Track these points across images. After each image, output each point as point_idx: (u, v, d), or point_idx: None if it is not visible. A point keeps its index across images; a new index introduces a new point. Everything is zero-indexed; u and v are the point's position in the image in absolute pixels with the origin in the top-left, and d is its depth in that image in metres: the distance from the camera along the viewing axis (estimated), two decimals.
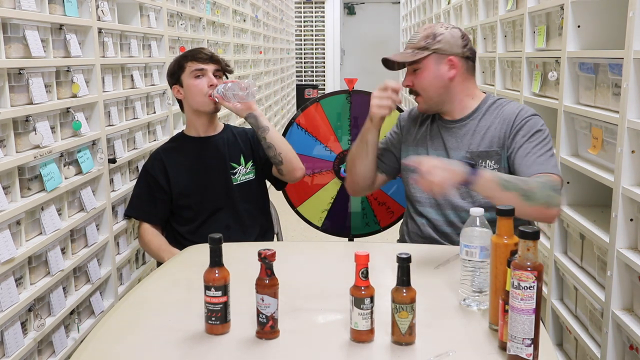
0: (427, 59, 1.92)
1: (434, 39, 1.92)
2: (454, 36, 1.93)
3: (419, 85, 1.96)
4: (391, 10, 11.87)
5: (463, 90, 1.96)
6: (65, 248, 1.96)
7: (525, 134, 1.87)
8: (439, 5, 5.55)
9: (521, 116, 1.91)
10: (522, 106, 1.96)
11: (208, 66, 2.20)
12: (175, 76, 2.25)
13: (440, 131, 2.00)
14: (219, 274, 1.32)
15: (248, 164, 2.29)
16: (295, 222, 2.67)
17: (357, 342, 1.29)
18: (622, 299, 1.97)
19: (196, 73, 2.19)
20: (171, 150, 2.30)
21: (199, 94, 2.19)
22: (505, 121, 1.91)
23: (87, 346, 1.34)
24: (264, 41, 6.24)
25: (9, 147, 1.69)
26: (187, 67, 2.20)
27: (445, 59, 1.92)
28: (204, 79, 2.19)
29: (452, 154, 1.96)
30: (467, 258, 1.41)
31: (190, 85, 2.20)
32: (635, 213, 1.92)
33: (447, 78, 1.93)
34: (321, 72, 11.40)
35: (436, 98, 1.96)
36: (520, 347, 1.16)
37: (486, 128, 1.93)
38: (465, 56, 1.94)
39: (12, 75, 1.70)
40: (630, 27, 1.86)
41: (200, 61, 2.20)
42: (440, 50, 1.91)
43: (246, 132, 2.35)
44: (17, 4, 1.71)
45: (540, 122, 1.91)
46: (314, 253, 1.98)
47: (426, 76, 1.94)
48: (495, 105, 1.98)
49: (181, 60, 2.23)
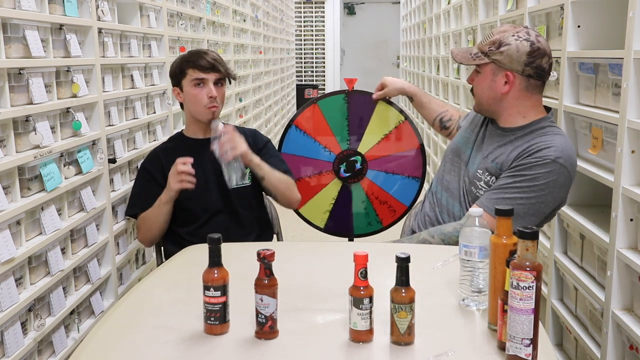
0: (486, 66, 1.90)
1: (497, 48, 1.86)
2: (519, 50, 1.84)
3: (475, 87, 1.97)
4: (391, 10, 11.87)
5: (515, 106, 1.91)
6: (65, 248, 1.96)
7: (517, 169, 1.83)
8: (439, 5, 5.55)
9: (537, 154, 1.82)
10: (552, 145, 1.83)
11: (209, 75, 2.17)
12: (176, 79, 2.24)
13: (488, 132, 2.01)
14: (218, 274, 1.32)
15: (247, 169, 2.27)
16: (296, 222, 2.67)
17: (356, 342, 1.29)
18: (622, 299, 1.97)
19: (196, 82, 2.17)
20: (170, 150, 2.29)
21: (198, 104, 2.19)
22: (524, 151, 1.85)
23: (87, 346, 1.35)
24: (264, 41, 6.24)
25: (9, 147, 1.70)
26: (187, 74, 2.18)
27: (502, 72, 1.88)
28: (204, 89, 2.17)
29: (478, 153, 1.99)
30: (466, 258, 1.41)
31: (190, 93, 2.19)
32: (635, 213, 1.92)
33: (500, 92, 1.90)
34: (321, 72, 11.39)
35: (486, 106, 1.97)
36: (519, 347, 1.16)
37: (512, 149, 1.88)
38: (526, 74, 1.86)
39: (12, 75, 1.70)
40: (630, 27, 1.86)
41: (202, 70, 2.17)
42: (498, 62, 1.87)
43: (246, 134, 2.33)
44: (17, 4, 1.71)
45: (549, 173, 1.79)
46: (313, 253, 1.98)
47: (481, 82, 1.93)
48: (541, 132, 1.89)
49: (182, 64, 2.21)
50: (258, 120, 5.75)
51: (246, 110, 5.15)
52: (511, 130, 1.93)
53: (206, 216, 2.22)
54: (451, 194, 2.05)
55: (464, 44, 4.35)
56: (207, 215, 2.22)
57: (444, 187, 2.09)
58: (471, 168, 1.99)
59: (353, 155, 2.52)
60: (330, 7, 11.23)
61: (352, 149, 2.50)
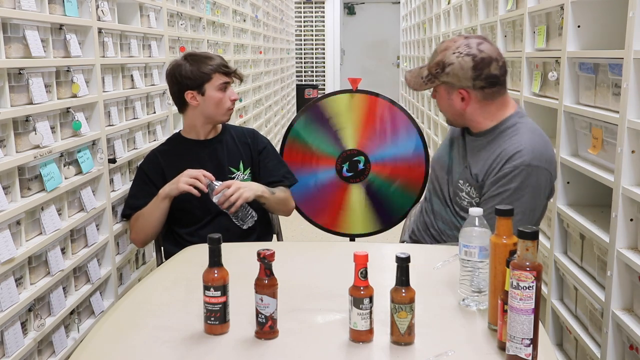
0: (439, 87, 1.90)
1: (442, 70, 1.85)
2: (463, 67, 1.82)
3: (438, 105, 1.98)
4: (391, 10, 11.87)
5: (480, 114, 1.91)
6: (65, 248, 1.96)
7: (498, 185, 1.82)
8: (439, 5, 5.55)
9: (510, 163, 1.81)
10: (522, 147, 1.82)
11: (231, 79, 2.27)
12: (196, 83, 2.22)
13: (466, 141, 2.01)
14: (218, 274, 1.32)
15: (246, 171, 2.29)
16: (296, 222, 2.67)
17: (356, 342, 1.29)
18: (622, 299, 1.97)
19: (223, 86, 2.23)
20: (169, 153, 2.29)
21: (222, 106, 2.23)
22: (496, 160, 1.85)
23: (87, 346, 1.35)
24: (264, 41, 6.24)
25: (9, 147, 1.69)
26: (214, 78, 2.21)
27: (455, 90, 1.87)
28: (226, 93, 2.24)
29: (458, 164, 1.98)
30: (466, 258, 1.41)
31: (215, 97, 2.22)
32: (635, 213, 1.92)
33: (460, 109, 1.90)
34: (321, 72, 11.39)
35: (453, 121, 1.99)
36: (519, 347, 1.16)
37: (487, 157, 1.88)
38: (478, 87, 1.84)
39: (12, 75, 1.70)
40: (630, 27, 1.86)
41: (228, 75, 2.25)
42: (448, 83, 1.87)
43: (245, 135, 2.36)
44: (17, 4, 1.71)
45: (527, 178, 1.79)
46: (313, 253, 1.98)
47: (441, 102, 1.95)
48: (509, 131, 1.88)
49: (205, 67, 2.22)
50: (258, 120, 5.75)
51: (246, 110, 5.15)
52: (482, 134, 1.93)
53: (207, 217, 2.22)
54: (442, 201, 2.04)
55: None
56: (208, 216, 2.22)
57: (435, 194, 2.08)
58: (454, 177, 2.00)
59: (356, 155, 2.51)
60: (330, 7, 11.22)
61: (356, 148, 2.50)
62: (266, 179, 2.28)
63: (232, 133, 2.35)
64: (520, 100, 2.90)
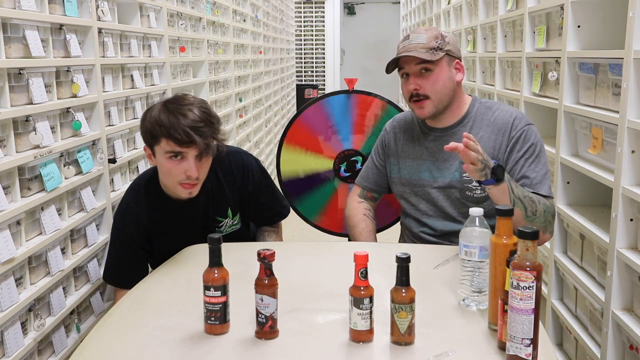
0: (441, 60, 1.86)
1: (443, 40, 1.87)
2: (454, 39, 1.92)
3: (430, 88, 1.86)
4: (391, 10, 11.87)
5: (461, 94, 1.95)
6: (65, 248, 1.96)
7: (521, 148, 1.84)
8: (439, 5, 5.55)
9: (516, 126, 1.86)
10: (514, 113, 1.90)
11: (187, 150, 1.73)
12: (148, 140, 1.80)
13: (427, 140, 1.97)
14: (218, 274, 1.33)
15: (235, 217, 2.02)
16: (296, 222, 2.67)
17: (357, 342, 1.29)
18: (622, 299, 1.97)
19: (171, 155, 1.75)
20: (147, 208, 1.93)
21: (172, 179, 1.79)
22: (500, 131, 1.87)
23: (87, 346, 1.35)
24: (264, 41, 6.24)
25: (9, 147, 1.70)
26: (162, 142, 1.74)
27: (454, 62, 1.90)
28: (181, 164, 1.75)
29: (442, 166, 1.93)
30: (466, 258, 1.41)
31: (163, 165, 1.78)
32: (635, 213, 1.92)
33: (456, 81, 1.91)
34: (321, 72, 11.39)
35: (446, 101, 1.89)
36: (520, 347, 1.16)
37: (478, 137, 1.84)
38: (460, 58, 1.94)
39: (12, 75, 1.70)
40: (630, 27, 1.86)
41: (178, 143, 1.71)
42: (450, 52, 1.88)
43: (234, 173, 1.98)
44: (17, 4, 1.72)
45: (534, 132, 1.87)
46: (313, 253, 1.98)
47: (440, 78, 1.86)
48: (485, 109, 1.93)
49: (154, 128, 1.74)
50: (258, 120, 5.75)
51: (246, 110, 5.15)
52: (458, 122, 1.93)
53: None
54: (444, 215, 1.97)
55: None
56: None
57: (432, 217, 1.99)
58: (450, 178, 1.92)
59: (354, 155, 2.52)
60: (330, 7, 11.22)
61: (353, 149, 2.50)
62: (259, 215, 2.13)
63: (219, 173, 1.95)
64: (520, 100, 2.91)
